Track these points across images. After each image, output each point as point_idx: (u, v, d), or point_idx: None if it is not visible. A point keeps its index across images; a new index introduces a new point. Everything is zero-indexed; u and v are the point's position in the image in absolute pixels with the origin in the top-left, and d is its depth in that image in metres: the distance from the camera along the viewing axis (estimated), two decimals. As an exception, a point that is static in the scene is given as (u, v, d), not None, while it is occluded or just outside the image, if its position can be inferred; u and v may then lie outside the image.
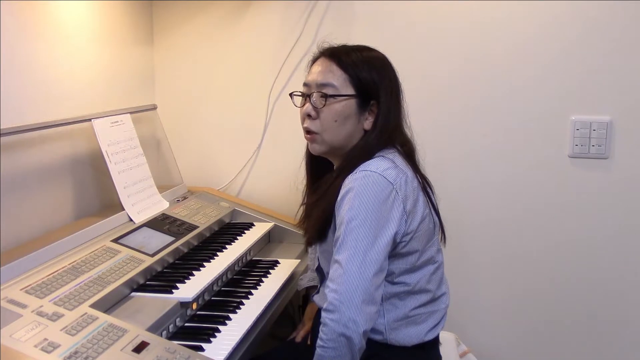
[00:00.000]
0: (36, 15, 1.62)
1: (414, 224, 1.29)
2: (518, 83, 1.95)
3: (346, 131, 1.36)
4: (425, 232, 1.33)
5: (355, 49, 1.39)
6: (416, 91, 2.00)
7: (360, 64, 1.35)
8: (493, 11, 1.94)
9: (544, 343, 2.07)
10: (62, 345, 1.12)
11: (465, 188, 2.03)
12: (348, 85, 1.34)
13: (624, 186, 1.92)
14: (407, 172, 1.31)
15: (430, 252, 1.36)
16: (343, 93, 1.34)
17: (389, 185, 1.25)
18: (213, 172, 2.25)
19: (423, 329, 1.36)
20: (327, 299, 1.21)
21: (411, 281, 1.34)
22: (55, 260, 1.44)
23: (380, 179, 1.25)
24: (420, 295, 1.36)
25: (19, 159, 1.56)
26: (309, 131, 1.38)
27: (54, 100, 1.70)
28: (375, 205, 1.23)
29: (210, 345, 1.31)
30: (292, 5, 2.08)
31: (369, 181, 1.24)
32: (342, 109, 1.34)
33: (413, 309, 1.35)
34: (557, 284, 2.02)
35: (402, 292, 1.34)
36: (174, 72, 2.24)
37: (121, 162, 1.78)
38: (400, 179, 1.27)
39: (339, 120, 1.34)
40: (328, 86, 1.34)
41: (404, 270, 1.32)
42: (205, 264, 1.62)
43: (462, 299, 2.01)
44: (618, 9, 1.84)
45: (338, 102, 1.34)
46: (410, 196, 1.28)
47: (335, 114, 1.34)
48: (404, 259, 1.31)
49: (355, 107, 1.35)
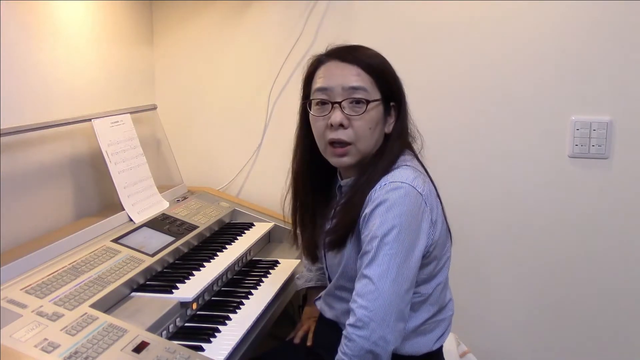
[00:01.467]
0: (36, 16, 1.62)
1: (437, 234, 1.26)
2: (518, 83, 1.95)
3: (376, 138, 1.30)
4: (443, 239, 1.30)
5: (364, 47, 1.34)
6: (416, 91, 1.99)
7: (381, 66, 1.30)
8: (493, 11, 1.93)
9: (544, 343, 2.07)
10: (62, 345, 1.12)
11: (465, 188, 2.03)
12: (375, 89, 1.28)
13: (624, 186, 1.92)
14: (427, 178, 1.29)
15: (444, 258, 1.33)
16: (375, 98, 1.27)
17: (419, 197, 1.21)
18: (213, 172, 2.25)
19: (431, 338, 1.33)
20: (355, 315, 1.18)
21: (427, 291, 1.30)
22: (55, 260, 1.44)
23: (411, 191, 1.20)
24: (433, 306, 1.32)
25: (19, 159, 1.56)
26: (340, 142, 1.27)
27: (54, 100, 1.70)
28: (408, 218, 1.19)
29: (210, 345, 1.31)
30: (292, 5, 2.08)
31: (400, 193, 1.19)
32: (375, 115, 1.27)
33: (424, 320, 1.31)
34: (557, 283, 2.02)
35: (416, 303, 1.29)
36: (174, 72, 2.24)
37: (121, 162, 1.78)
38: (426, 187, 1.25)
39: (372, 127, 1.27)
40: (360, 90, 1.26)
41: (423, 280, 1.28)
42: (205, 264, 1.62)
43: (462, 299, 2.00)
44: (618, 9, 1.84)
45: (373, 108, 1.27)
46: (435, 205, 1.26)
47: (370, 120, 1.26)
48: (424, 268, 1.27)
49: (383, 111, 1.30)
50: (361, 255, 1.22)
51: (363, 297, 1.17)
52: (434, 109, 2.02)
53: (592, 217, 1.96)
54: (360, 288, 1.19)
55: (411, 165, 1.28)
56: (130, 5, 2.07)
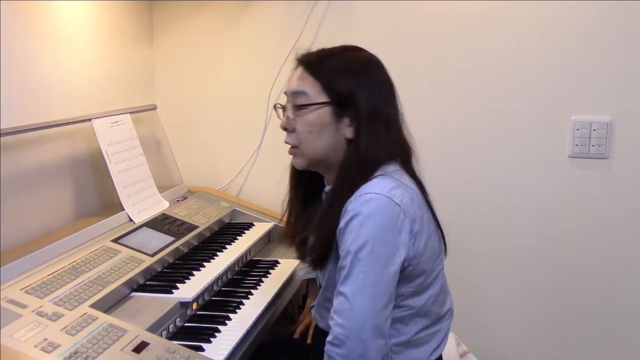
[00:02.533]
0: (36, 16, 1.62)
1: (421, 245, 1.20)
2: (518, 83, 1.95)
3: (325, 142, 1.25)
4: (432, 252, 1.25)
5: (332, 52, 1.28)
6: (416, 91, 2.02)
7: (333, 69, 1.24)
8: (493, 11, 1.93)
9: (544, 343, 2.07)
10: (62, 345, 1.12)
11: (465, 188, 2.03)
12: (321, 93, 1.23)
13: (624, 186, 1.92)
14: (412, 188, 1.23)
15: (436, 271, 1.28)
16: (315, 101, 1.23)
17: (397, 208, 1.15)
18: (213, 172, 2.25)
19: (426, 350, 1.29)
20: (333, 332, 1.15)
21: (417, 304, 1.25)
22: (55, 260, 1.44)
23: (387, 202, 1.15)
24: (425, 318, 1.28)
25: (19, 159, 1.56)
26: (289, 145, 1.30)
27: (54, 100, 1.70)
28: (383, 232, 1.14)
29: (210, 345, 1.31)
30: (292, 5, 2.08)
31: (374, 205, 1.14)
32: (315, 119, 1.23)
33: (417, 332, 1.27)
34: (557, 283, 2.02)
35: (406, 316, 1.26)
36: (174, 72, 2.24)
37: (121, 162, 1.78)
38: (407, 197, 1.18)
39: (313, 131, 1.24)
40: (300, 94, 1.25)
41: (411, 293, 1.24)
42: (205, 264, 1.62)
43: (462, 299, 2.00)
44: (618, 9, 1.84)
45: (311, 111, 1.24)
46: (418, 216, 1.19)
47: (310, 125, 1.24)
48: (411, 282, 1.23)
49: (331, 115, 1.23)
50: (338, 270, 1.19)
51: (340, 314, 1.15)
52: (433, 109, 2.02)
53: (592, 217, 1.96)
54: (336, 305, 1.16)
55: (391, 174, 1.21)
56: (130, 5, 2.07)
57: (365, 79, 1.24)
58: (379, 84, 1.26)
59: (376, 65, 1.29)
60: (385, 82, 1.28)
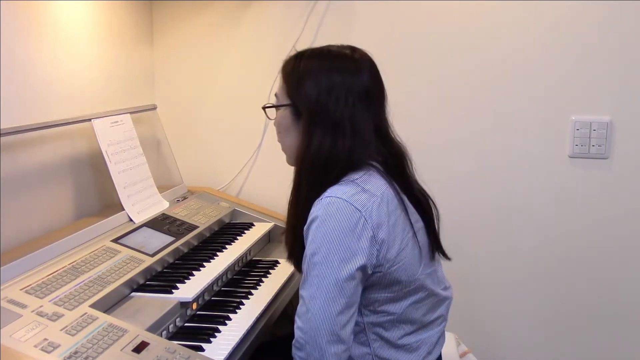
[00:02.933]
0: (36, 16, 1.62)
1: (392, 253, 1.18)
2: (518, 83, 1.95)
3: (291, 141, 1.28)
4: (409, 261, 1.21)
5: (300, 55, 1.27)
6: (416, 91, 2.02)
7: (292, 70, 1.26)
8: (493, 11, 1.93)
9: (544, 342, 2.07)
10: (62, 345, 1.12)
11: (465, 188, 2.03)
12: (285, 95, 1.27)
13: (624, 186, 1.92)
14: (382, 194, 1.19)
15: (418, 280, 1.24)
16: (280, 103, 1.28)
17: (356, 213, 1.14)
18: (213, 172, 2.25)
19: (417, 357, 1.27)
20: (295, 335, 1.17)
21: (395, 310, 1.23)
22: (55, 260, 1.44)
23: (346, 206, 1.14)
24: (407, 325, 1.26)
25: (19, 159, 1.56)
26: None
27: (54, 100, 1.70)
28: (339, 236, 1.13)
29: (210, 345, 1.31)
30: (292, 5, 2.08)
31: (332, 209, 1.14)
32: (279, 119, 1.30)
33: (400, 337, 1.25)
34: (557, 283, 2.02)
35: (386, 322, 1.24)
36: (174, 72, 2.24)
37: (121, 162, 1.78)
38: (372, 204, 1.16)
39: (280, 131, 1.31)
40: (275, 95, 1.32)
41: (387, 300, 1.22)
42: (205, 264, 1.63)
43: (462, 299, 2.00)
44: (618, 9, 1.84)
45: (276, 112, 1.31)
46: (385, 222, 1.17)
47: (277, 125, 1.32)
48: (386, 289, 1.21)
49: (290, 116, 1.26)
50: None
51: (299, 317, 1.16)
52: (433, 109, 2.02)
53: (592, 217, 1.96)
54: (298, 308, 1.17)
55: (355, 181, 1.19)
56: (130, 5, 2.07)
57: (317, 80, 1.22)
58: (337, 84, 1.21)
59: (339, 63, 1.24)
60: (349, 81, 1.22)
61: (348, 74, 1.23)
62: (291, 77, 1.26)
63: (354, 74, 1.23)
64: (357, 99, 1.22)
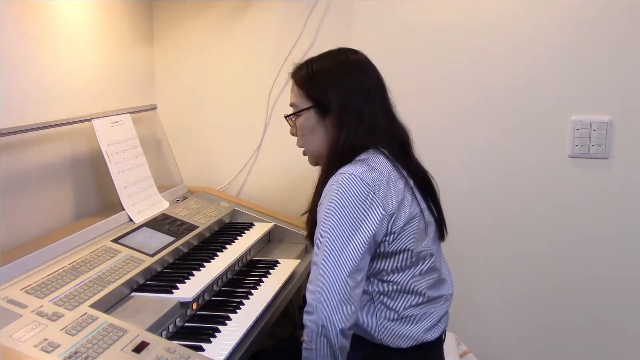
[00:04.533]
0: (36, 16, 1.63)
1: (398, 225, 1.29)
2: (518, 83, 1.95)
3: (318, 140, 1.41)
4: (414, 232, 1.33)
5: (312, 61, 1.43)
6: (415, 90, 2.02)
7: (308, 77, 1.40)
8: (493, 11, 1.94)
9: (544, 343, 2.07)
10: (62, 345, 1.12)
11: (465, 188, 2.03)
12: (305, 99, 1.40)
13: (624, 186, 1.92)
14: (389, 174, 1.32)
15: (422, 252, 1.36)
16: (301, 108, 1.41)
17: (366, 187, 1.26)
18: (213, 172, 2.25)
19: (419, 329, 1.35)
20: (307, 301, 1.23)
21: (400, 280, 1.33)
22: (55, 260, 1.44)
23: (357, 181, 1.27)
24: (412, 296, 1.35)
25: (19, 159, 1.56)
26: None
27: (54, 100, 1.70)
28: (350, 206, 1.25)
29: (210, 345, 1.31)
30: (292, 5, 2.08)
31: (345, 183, 1.27)
32: (304, 122, 1.41)
33: (406, 308, 1.34)
34: (557, 283, 2.02)
35: (392, 291, 1.34)
36: (174, 72, 2.24)
37: (121, 162, 1.78)
38: (380, 180, 1.29)
39: (306, 133, 1.42)
40: (292, 105, 1.44)
41: (393, 269, 1.33)
42: (205, 264, 1.62)
43: (462, 299, 2.01)
44: (618, 9, 1.84)
45: (299, 117, 1.42)
46: (393, 197, 1.29)
47: (302, 128, 1.42)
48: (393, 257, 1.32)
49: (315, 116, 1.39)
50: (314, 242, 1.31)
51: (312, 282, 1.25)
52: (433, 109, 2.02)
53: (591, 217, 1.96)
54: (310, 275, 1.26)
55: (365, 161, 1.32)
56: (130, 5, 2.07)
57: (339, 80, 1.38)
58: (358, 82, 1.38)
59: (349, 66, 1.40)
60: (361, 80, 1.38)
61: (358, 69, 1.40)
62: (310, 80, 1.40)
63: (363, 70, 1.40)
64: (371, 90, 1.39)
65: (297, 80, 1.43)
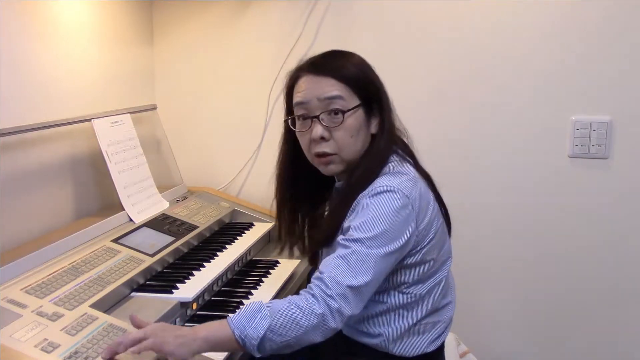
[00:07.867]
0: (36, 15, 1.63)
1: (428, 235, 1.26)
2: (518, 83, 1.95)
3: (361, 143, 1.30)
4: (438, 242, 1.30)
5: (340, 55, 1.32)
6: (416, 91, 2.02)
7: (355, 72, 1.28)
8: (493, 12, 1.93)
9: (544, 343, 2.07)
10: (62, 345, 1.12)
11: (465, 188, 2.03)
12: (353, 96, 1.27)
13: (624, 186, 1.92)
14: (421, 183, 1.27)
15: (441, 259, 1.33)
16: (352, 105, 1.26)
17: (405, 199, 1.20)
18: (213, 172, 2.25)
19: (426, 339, 1.33)
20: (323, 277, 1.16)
21: (420, 292, 1.30)
22: (55, 260, 1.44)
23: (398, 195, 1.20)
24: (427, 305, 1.32)
25: (19, 159, 1.56)
26: (324, 154, 1.28)
27: (54, 100, 1.70)
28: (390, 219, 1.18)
29: (210, 345, 1.31)
30: (292, 5, 2.08)
31: (387, 198, 1.20)
32: (354, 122, 1.27)
33: (418, 319, 1.31)
34: (557, 284, 2.02)
35: (410, 303, 1.30)
36: (174, 72, 2.24)
37: (121, 162, 1.78)
38: (415, 192, 1.23)
39: (354, 134, 1.27)
40: (337, 99, 1.25)
41: (416, 281, 1.29)
42: (205, 264, 1.63)
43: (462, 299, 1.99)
44: (618, 9, 1.84)
45: (349, 116, 1.26)
46: (423, 210, 1.24)
47: (351, 129, 1.26)
48: (416, 268, 1.28)
49: (364, 116, 1.29)
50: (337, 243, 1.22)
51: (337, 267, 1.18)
52: (433, 109, 2.02)
53: (591, 217, 1.96)
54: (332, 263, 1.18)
55: (401, 171, 1.26)
56: (130, 5, 2.07)
57: (375, 75, 1.32)
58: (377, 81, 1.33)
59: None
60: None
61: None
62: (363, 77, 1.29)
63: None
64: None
65: (342, 74, 1.26)
